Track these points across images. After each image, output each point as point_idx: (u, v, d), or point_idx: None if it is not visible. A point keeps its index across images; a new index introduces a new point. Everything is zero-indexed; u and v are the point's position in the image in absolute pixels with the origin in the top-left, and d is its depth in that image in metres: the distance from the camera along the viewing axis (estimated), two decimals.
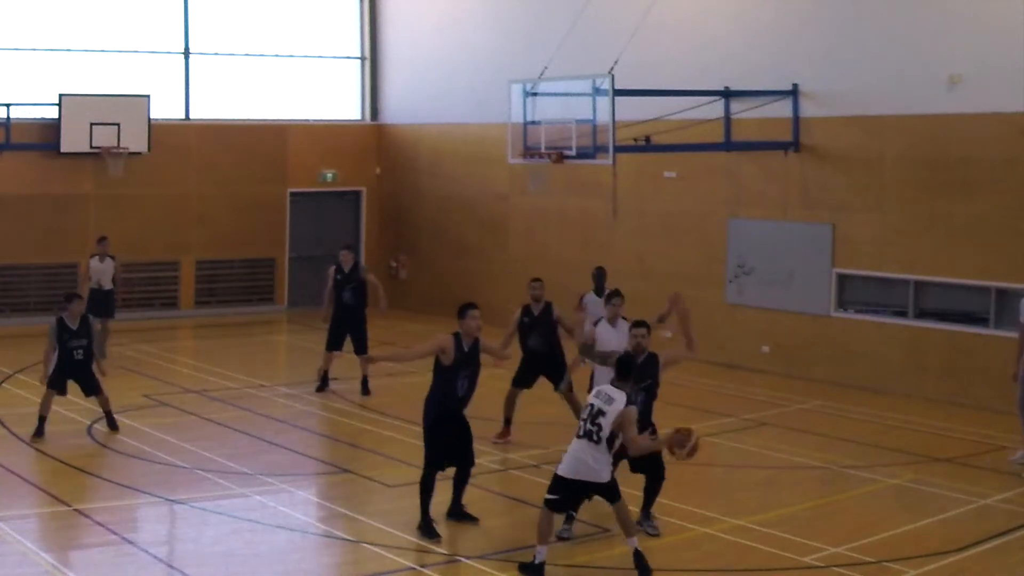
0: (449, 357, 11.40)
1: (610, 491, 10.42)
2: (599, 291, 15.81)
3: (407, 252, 26.93)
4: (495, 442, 14.87)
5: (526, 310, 15.21)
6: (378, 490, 13.09)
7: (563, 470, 10.42)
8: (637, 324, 11.73)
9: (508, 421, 15.20)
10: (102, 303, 19.87)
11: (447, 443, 11.55)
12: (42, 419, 14.80)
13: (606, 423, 10.23)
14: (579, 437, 10.38)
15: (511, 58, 23.27)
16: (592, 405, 10.39)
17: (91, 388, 15.13)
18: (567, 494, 10.46)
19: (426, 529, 11.34)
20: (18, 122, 23.27)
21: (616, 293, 13.63)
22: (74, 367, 14.95)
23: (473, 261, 25.43)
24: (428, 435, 11.65)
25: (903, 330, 18.50)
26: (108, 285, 20.23)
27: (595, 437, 10.26)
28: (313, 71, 27.46)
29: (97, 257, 20.32)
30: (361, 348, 17.85)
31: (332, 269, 17.99)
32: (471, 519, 11.78)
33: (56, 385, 14.97)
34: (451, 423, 11.55)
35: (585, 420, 10.37)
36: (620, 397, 10.34)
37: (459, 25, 25.85)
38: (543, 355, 15.17)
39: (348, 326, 17.88)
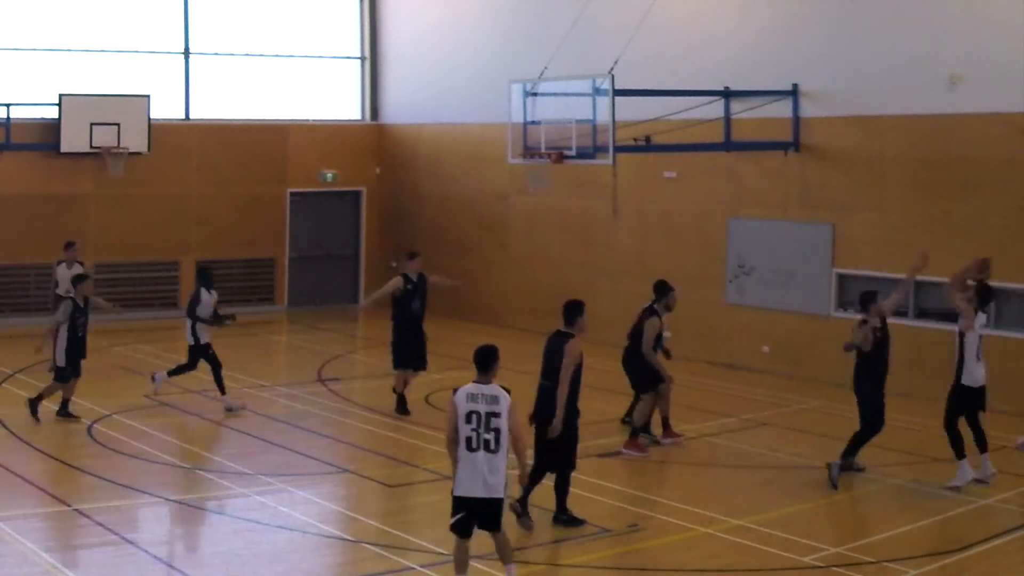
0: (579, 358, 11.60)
1: (499, 513, 9.67)
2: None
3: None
4: (663, 442, 15.07)
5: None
6: (378, 490, 13.09)
7: (462, 490, 9.54)
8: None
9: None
10: None
11: None
12: (40, 399, 15.61)
13: (502, 424, 9.51)
14: (473, 450, 9.47)
15: (511, 58, 23.26)
16: (476, 412, 9.50)
17: (80, 363, 15.93)
18: (471, 512, 9.58)
19: (572, 519, 11.62)
20: (18, 122, 23.27)
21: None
22: (78, 343, 15.72)
23: (473, 261, 25.42)
24: (575, 437, 11.72)
25: (903, 330, 18.46)
26: None
27: (493, 446, 9.48)
28: (313, 71, 27.46)
29: (65, 264, 19.53)
30: (424, 364, 16.87)
31: (400, 279, 16.60)
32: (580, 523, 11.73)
33: (68, 375, 15.68)
34: None
35: (476, 430, 9.47)
36: (501, 392, 9.61)
37: (459, 25, 25.85)
38: None
39: (417, 339, 16.69)
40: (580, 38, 20.97)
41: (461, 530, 9.62)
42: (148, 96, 24.50)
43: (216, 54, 26.13)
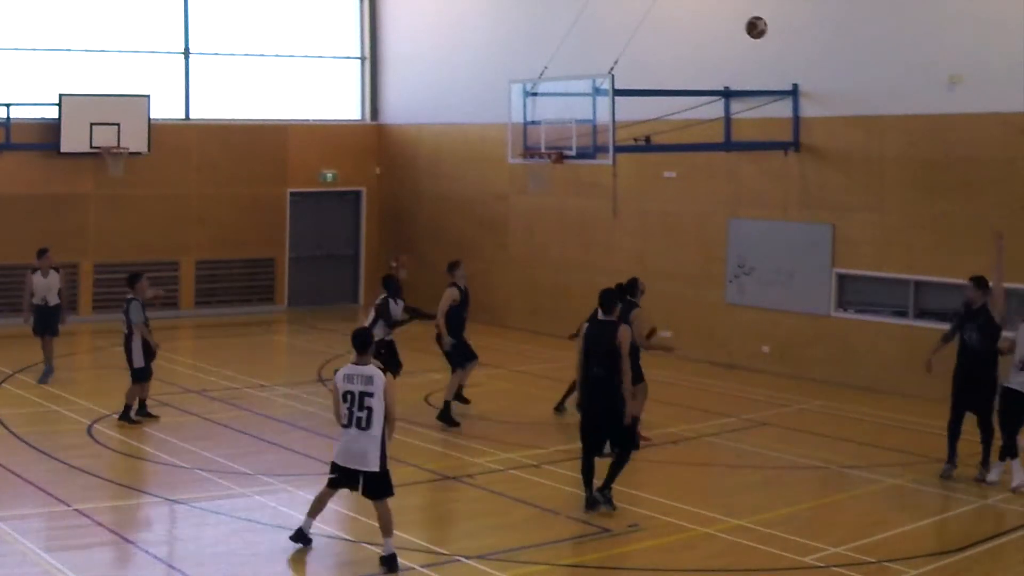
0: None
1: (379, 484, 10.39)
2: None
3: (407, 252, 26.91)
4: None
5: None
6: None
7: (337, 458, 10.52)
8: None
9: None
10: (48, 320, 18.37)
11: None
12: (143, 402, 15.77)
13: (376, 404, 10.17)
14: (346, 427, 10.32)
15: (511, 58, 23.26)
16: (351, 392, 10.25)
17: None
18: (343, 476, 10.52)
19: (611, 500, 12.16)
20: (18, 122, 23.27)
21: None
22: (147, 342, 15.80)
23: (473, 261, 25.33)
24: (635, 419, 12.58)
25: (903, 330, 18.50)
26: (54, 300, 18.45)
27: (364, 424, 10.22)
28: (313, 71, 27.47)
29: (40, 272, 18.45)
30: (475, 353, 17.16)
31: (456, 291, 16.47)
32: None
33: (147, 375, 15.84)
34: None
35: (350, 408, 10.25)
36: (376, 372, 10.25)
37: (459, 25, 25.86)
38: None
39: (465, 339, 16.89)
40: (580, 38, 20.97)
41: (332, 485, 10.63)
42: (148, 96, 24.50)
43: (216, 54, 26.14)
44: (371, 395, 10.18)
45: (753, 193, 20.46)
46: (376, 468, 10.32)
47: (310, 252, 27.24)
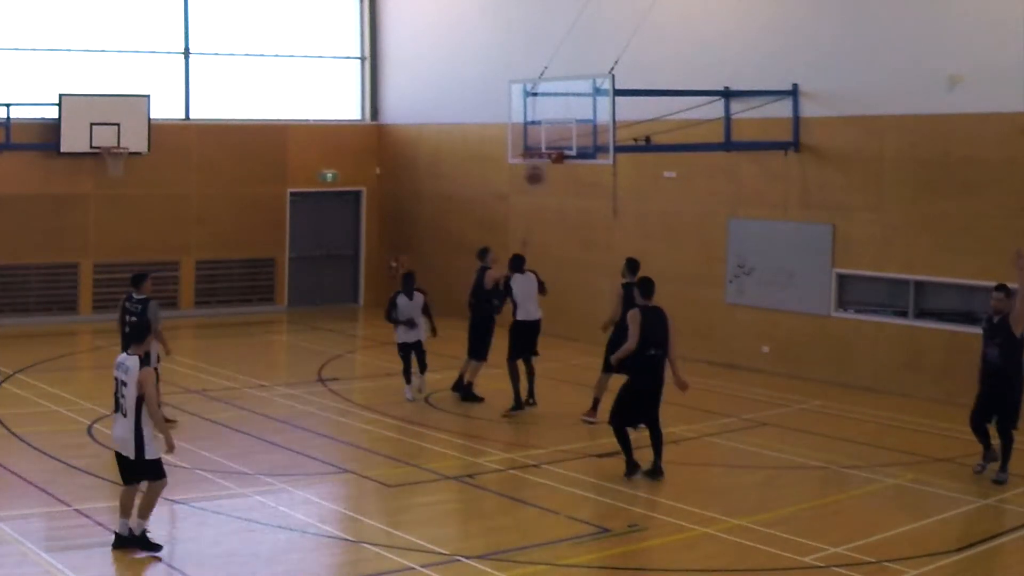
0: None
1: (132, 469, 10.72)
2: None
3: (407, 252, 26.92)
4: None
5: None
6: (378, 490, 13.09)
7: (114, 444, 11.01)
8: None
9: None
10: None
11: None
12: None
13: (129, 393, 10.61)
14: (115, 412, 10.90)
15: (511, 58, 23.27)
16: (117, 379, 10.79)
17: None
18: (120, 463, 10.84)
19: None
20: (18, 122, 23.26)
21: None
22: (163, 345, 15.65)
23: (473, 261, 25.31)
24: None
25: (903, 330, 18.50)
26: None
27: (124, 411, 10.68)
28: (313, 71, 27.47)
29: None
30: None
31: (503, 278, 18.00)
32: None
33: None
34: None
35: (115, 394, 10.83)
36: (133, 364, 10.68)
37: (459, 25, 25.85)
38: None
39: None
40: (580, 38, 20.96)
41: (121, 478, 10.84)
42: (148, 96, 24.50)
43: (216, 54, 26.13)
44: (126, 384, 10.67)
45: (753, 193, 20.45)
46: (132, 455, 10.64)
47: (310, 252, 27.24)
